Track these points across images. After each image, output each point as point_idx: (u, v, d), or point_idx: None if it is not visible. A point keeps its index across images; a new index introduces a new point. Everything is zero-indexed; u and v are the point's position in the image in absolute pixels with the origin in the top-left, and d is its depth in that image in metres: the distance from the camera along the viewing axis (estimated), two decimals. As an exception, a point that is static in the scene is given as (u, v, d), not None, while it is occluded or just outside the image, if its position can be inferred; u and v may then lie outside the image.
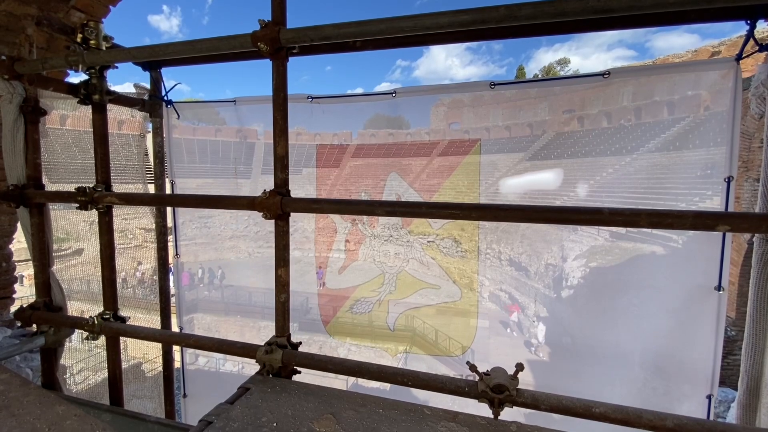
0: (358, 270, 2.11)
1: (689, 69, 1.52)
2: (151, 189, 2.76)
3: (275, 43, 1.42)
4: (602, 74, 1.51)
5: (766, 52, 1.41)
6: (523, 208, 1.23)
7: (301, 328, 3.63)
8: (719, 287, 1.50)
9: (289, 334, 1.64)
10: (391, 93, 1.82)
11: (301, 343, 1.67)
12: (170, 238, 2.76)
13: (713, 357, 1.50)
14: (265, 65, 1.53)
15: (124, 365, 2.71)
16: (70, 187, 2.08)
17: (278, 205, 1.49)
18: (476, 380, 1.31)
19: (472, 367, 1.33)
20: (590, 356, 2.27)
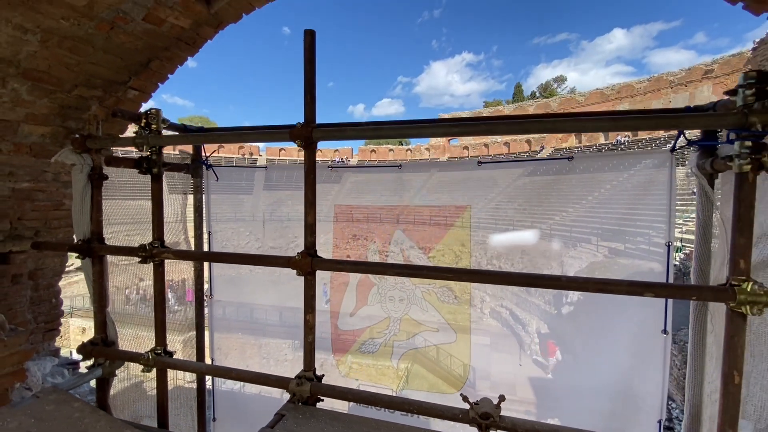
0: (366, 314, 2.38)
1: (634, 156, 1.90)
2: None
3: (308, 140, 1.81)
4: (567, 158, 1.90)
5: (694, 146, 1.79)
6: (500, 274, 1.59)
7: (303, 345, 3.83)
8: (665, 331, 1.85)
9: (315, 369, 1.98)
10: (398, 165, 2.22)
11: (324, 375, 2.01)
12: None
13: (661, 388, 1.84)
14: (269, 80, 1.90)
15: (125, 384, 2.99)
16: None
17: (309, 265, 1.86)
18: (468, 408, 1.65)
19: (465, 398, 1.67)
20: (587, 376, 2.54)
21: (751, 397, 1.75)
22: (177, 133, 2.20)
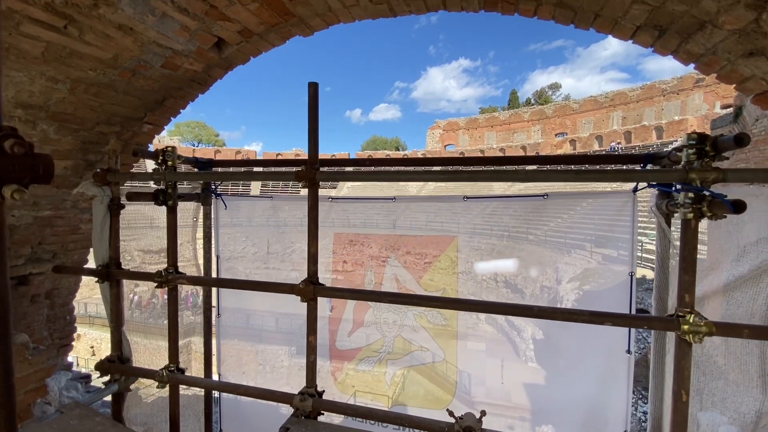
0: (363, 334, 2.53)
1: (603, 197, 2.13)
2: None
3: (312, 180, 2.03)
4: (542, 196, 2.13)
5: (654, 187, 2.02)
6: (482, 303, 1.81)
7: (299, 351, 3.40)
8: (629, 351, 2.07)
9: (316, 385, 2.18)
10: (392, 198, 2.44)
11: (324, 391, 2.21)
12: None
13: (626, 402, 2.07)
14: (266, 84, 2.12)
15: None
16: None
17: (312, 291, 2.07)
18: (453, 422, 1.86)
19: (450, 413, 1.88)
20: (575, 384, 2.69)
21: (705, 412, 1.97)
22: (191, 169, 2.41)
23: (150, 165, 2.72)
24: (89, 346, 21.77)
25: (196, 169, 2.66)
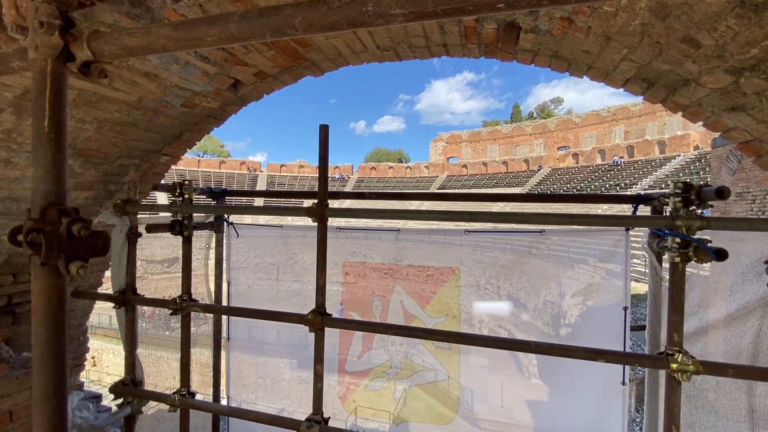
0: (372, 356, 2.62)
1: (598, 234, 2.24)
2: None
3: (322, 216, 2.16)
4: (540, 232, 2.25)
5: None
6: (482, 337, 1.91)
7: (300, 365, 3.64)
8: (623, 383, 2.16)
9: (322, 412, 2.27)
10: (397, 230, 2.56)
11: (330, 417, 2.30)
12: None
13: (621, 427, 2.15)
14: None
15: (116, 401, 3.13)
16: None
17: (320, 323, 2.17)
18: (454, 452, 1.94)
19: (452, 443, 1.96)
20: (577, 401, 2.70)
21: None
22: (206, 202, 2.54)
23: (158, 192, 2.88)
24: (90, 356, 21.83)
25: (210, 200, 2.79)
